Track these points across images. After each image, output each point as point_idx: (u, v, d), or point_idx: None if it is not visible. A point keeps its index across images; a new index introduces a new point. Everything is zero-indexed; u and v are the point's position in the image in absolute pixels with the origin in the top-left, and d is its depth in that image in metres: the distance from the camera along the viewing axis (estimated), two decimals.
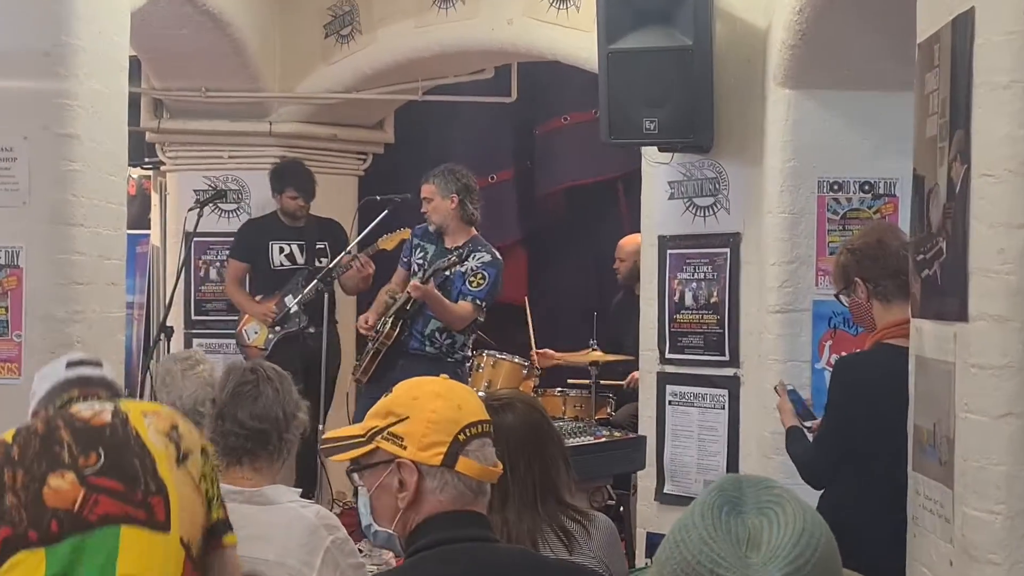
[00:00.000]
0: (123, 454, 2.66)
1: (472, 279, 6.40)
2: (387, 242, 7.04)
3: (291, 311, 7.21)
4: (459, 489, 2.26)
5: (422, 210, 6.63)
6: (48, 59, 5.09)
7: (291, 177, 7.45)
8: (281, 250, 7.47)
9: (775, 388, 4.43)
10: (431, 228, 6.64)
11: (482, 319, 6.65)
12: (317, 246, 7.44)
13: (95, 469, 2.62)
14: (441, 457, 2.25)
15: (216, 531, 2.74)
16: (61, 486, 2.59)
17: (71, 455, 2.63)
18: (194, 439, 2.74)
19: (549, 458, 3.07)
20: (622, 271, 7.59)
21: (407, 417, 2.28)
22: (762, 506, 1.42)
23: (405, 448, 2.26)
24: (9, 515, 2.59)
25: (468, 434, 2.27)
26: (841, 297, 4.05)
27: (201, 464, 2.72)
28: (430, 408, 2.27)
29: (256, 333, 7.33)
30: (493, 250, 6.56)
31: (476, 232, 6.65)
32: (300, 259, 7.45)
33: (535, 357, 7.40)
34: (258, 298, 7.44)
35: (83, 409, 2.72)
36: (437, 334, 6.44)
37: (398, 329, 6.46)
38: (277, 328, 7.28)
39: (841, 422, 3.88)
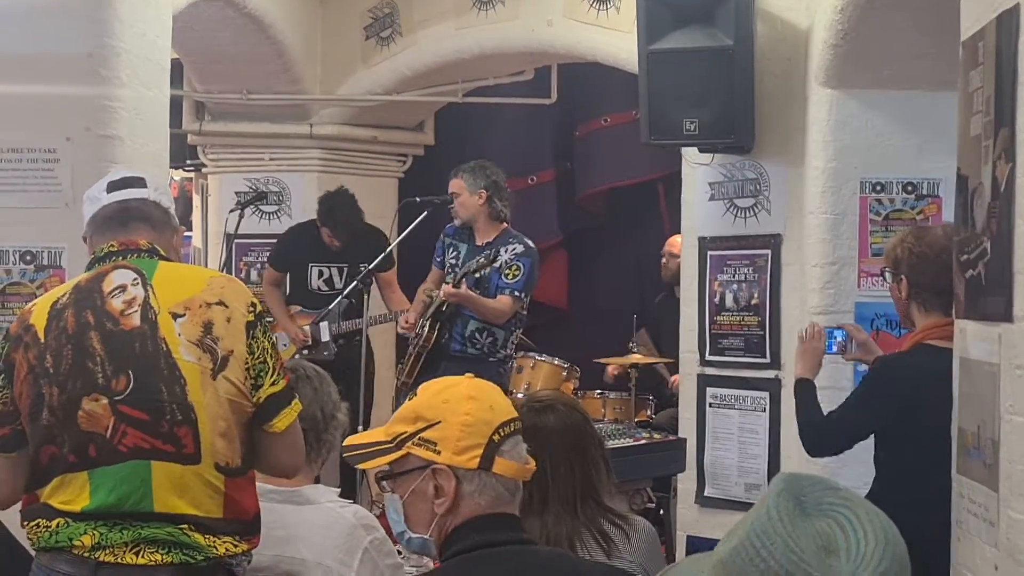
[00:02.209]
0: (151, 377, 2.71)
1: (507, 272, 6.34)
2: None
3: (323, 341, 7.12)
4: (497, 491, 2.24)
5: (450, 205, 6.58)
6: (91, 61, 5.12)
7: (332, 221, 7.16)
8: (320, 274, 7.32)
9: (802, 332, 4.33)
10: (458, 223, 6.59)
11: (524, 312, 6.58)
12: (359, 267, 7.16)
13: (124, 395, 2.69)
14: (478, 460, 2.22)
15: (265, 413, 2.82)
16: (95, 410, 2.68)
17: (104, 375, 2.69)
18: (236, 329, 2.77)
19: (590, 460, 3.05)
20: (670, 267, 7.48)
21: (439, 421, 2.24)
22: (825, 509, 1.40)
23: (439, 453, 2.22)
24: (50, 433, 2.70)
25: (502, 434, 2.24)
26: (885, 275, 4.05)
27: (246, 350, 2.77)
28: (463, 411, 2.23)
29: (285, 346, 7.20)
30: (526, 240, 6.49)
31: (507, 226, 6.59)
32: (338, 283, 7.27)
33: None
34: (295, 309, 7.31)
35: (114, 296, 2.75)
36: (477, 334, 6.42)
37: (436, 332, 6.43)
38: (304, 351, 7.12)
39: (867, 412, 3.90)
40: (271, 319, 2.85)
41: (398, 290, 7.34)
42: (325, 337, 7.11)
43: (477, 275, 6.27)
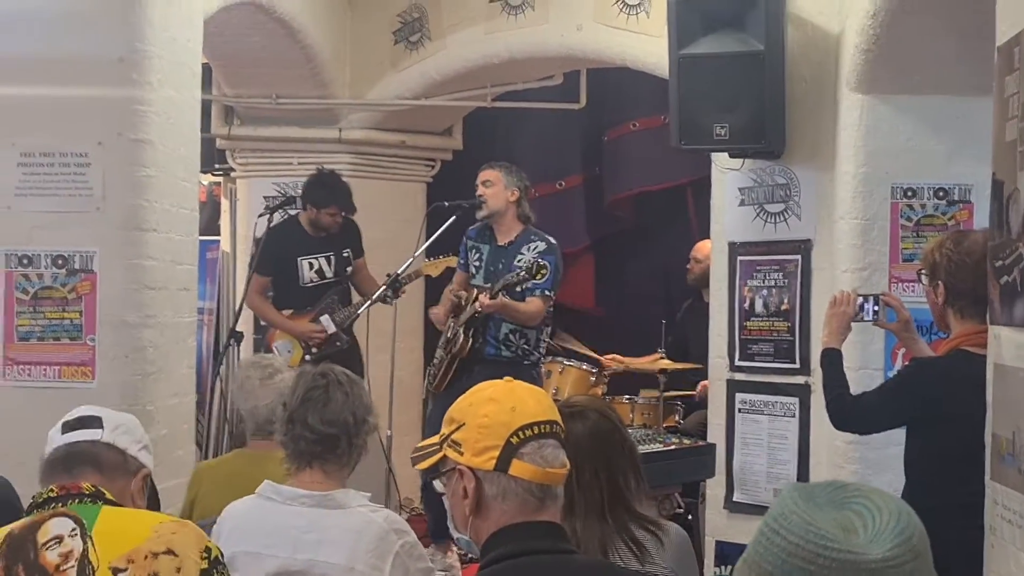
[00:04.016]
0: None
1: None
2: (432, 268, 6.98)
3: (331, 333, 7.10)
4: (521, 496, 2.24)
5: (478, 193, 6.50)
6: (122, 65, 5.15)
7: (336, 195, 7.14)
8: (311, 266, 7.21)
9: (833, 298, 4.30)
10: (482, 214, 6.56)
11: (551, 309, 6.57)
12: (343, 254, 7.23)
13: None
14: (494, 462, 2.23)
15: None
16: None
17: None
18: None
19: (617, 468, 3.04)
20: (695, 272, 7.46)
21: (464, 423, 2.28)
22: (840, 503, 1.41)
23: (462, 454, 2.26)
24: None
25: (521, 436, 2.24)
26: (921, 277, 4.01)
27: None
28: (482, 413, 2.26)
29: (290, 352, 7.16)
30: (546, 236, 6.48)
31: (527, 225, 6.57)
32: (329, 273, 7.22)
33: (607, 362, 7.36)
34: (287, 313, 7.21)
35: (49, 548, 2.53)
36: (512, 336, 6.40)
37: (471, 340, 6.41)
38: (314, 350, 7.09)
39: (895, 407, 3.90)
40: (223, 567, 2.63)
41: (369, 275, 7.32)
42: (332, 329, 7.09)
43: (519, 289, 6.24)
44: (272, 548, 3.15)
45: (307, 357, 7.02)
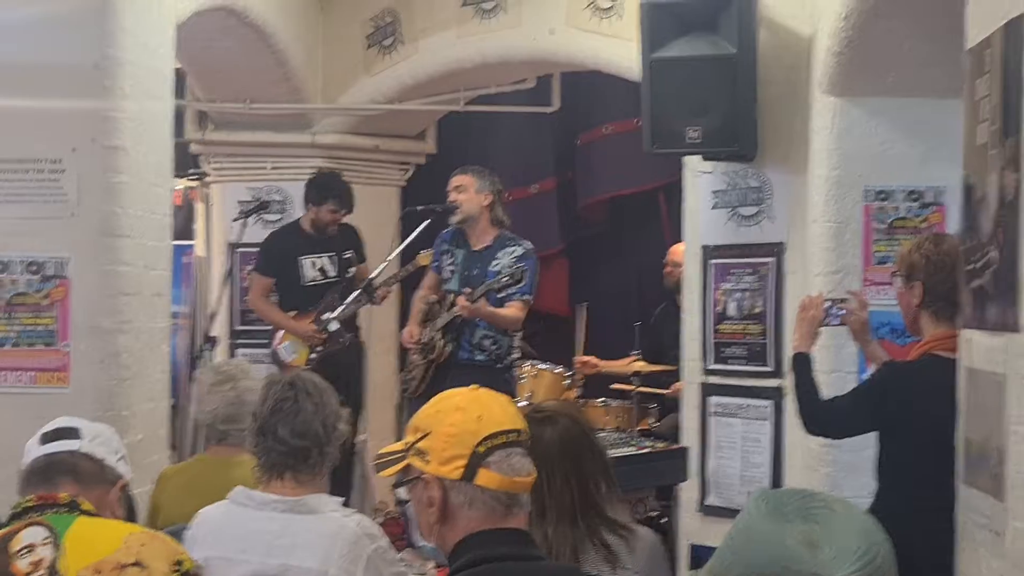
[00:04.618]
0: None
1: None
2: (426, 258, 7.01)
3: (335, 330, 7.13)
4: (488, 504, 2.25)
5: (450, 199, 6.50)
6: (95, 72, 5.13)
7: (334, 191, 7.27)
8: (313, 264, 7.29)
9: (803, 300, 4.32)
10: (455, 219, 6.55)
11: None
12: (344, 255, 7.30)
13: None
14: (460, 471, 2.23)
15: None
16: None
17: None
18: None
19: (587, 473, 3.05)
20: (674, 276, 7.47)
21: (430, 432, 2.28)
22: (807, 513, 1.41)
23: (428, 463, 2.26)
24: None
25: (488, 445, 2.24)
26: (896, 279, 4.02)
27: None
28: (448, 422, 2.26)
29: (295, 353, 7.22)
30: (522, 241, 6.48)
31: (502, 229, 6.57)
32: (332, 272, 7.29)
33: (578, 364, 7.38)
34: (291, 314, 7.26)
35: (20, 556, 2.55)
36: (485, 341, 6.40)
37: (449, 344, 6.41)
38: (319, 348, 7.15)
39: (866, 413, 3.92)
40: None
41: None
42: (334, 327, 7.11)
43: (500, 294, 6.23)
44: (245, 553, 3.14)
45: (312, 356, 7.10)
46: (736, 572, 1.39)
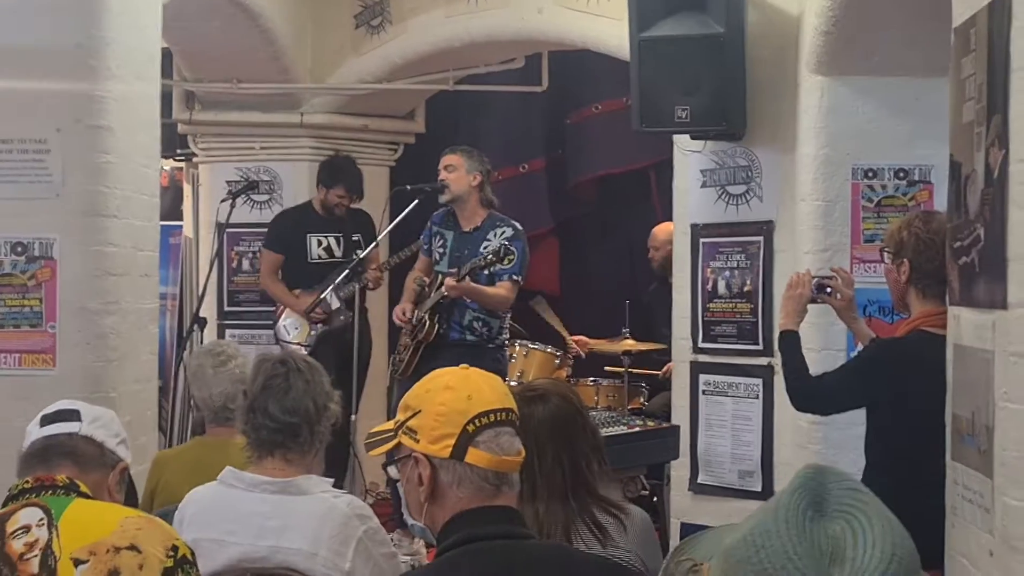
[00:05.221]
0: None
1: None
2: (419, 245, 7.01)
3: (334, 308, 7.15)
4: (477, 483, 2.25)
5: (440, 178, 6.48)
6: (80, 52, 5.11)
7: (345, 176, 7.31)
8: (319, 243, 7.37)
9: (791, 279, 4.33)
10: (445, 198, 6.54)
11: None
12: (353, 238, 7.33)
13: None
14: (450, 450, 2.24)
15: None
16: None
17: None
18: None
19: (579, 451, 3.05)
20: (657, 260, 7.50)
21: (420, 411, 2.29)
22: (844, 510, 1.38)
23: (418, 442, 2.27)
24: None
25: (478, 424, 2.25)
26: (884, 255, 4.02)
27: None
28: (438, 401, 2.27)
29: (296, 329, 7.26)
30: (512, 221, 6.47)
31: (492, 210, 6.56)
32: (338, 252, 7.35)
33: (574, 344, 7.39)
34: (296, 292, 7.31)
35: (15, 537, 2.55)
36: (476, 323, 6.40)
37: (437, 325, 6.40)
38: (319, 325, 7.20)
39: (855, 389, 3.94)
40: (192, 566, 2.58)
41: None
42: (335, 304, 7.13)
43: (487, 271, 6.22)
44: (235, 535, 3.14)
45: (313, 332, 7.21)
46: (747, 571, 1.36)
